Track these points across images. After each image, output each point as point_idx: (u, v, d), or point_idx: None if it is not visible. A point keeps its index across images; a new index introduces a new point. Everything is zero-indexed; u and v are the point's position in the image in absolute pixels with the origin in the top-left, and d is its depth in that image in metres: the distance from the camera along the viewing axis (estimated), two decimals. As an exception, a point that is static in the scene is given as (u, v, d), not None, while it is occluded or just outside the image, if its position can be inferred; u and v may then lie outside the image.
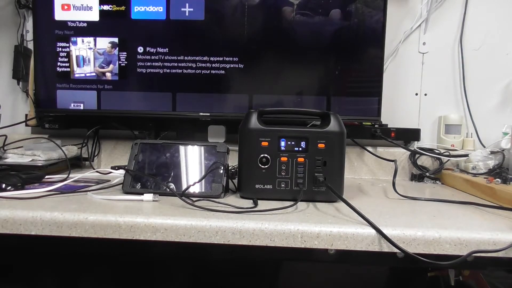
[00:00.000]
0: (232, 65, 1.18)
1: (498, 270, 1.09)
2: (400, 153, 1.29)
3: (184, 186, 0.85)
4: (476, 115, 1.33)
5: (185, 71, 1.19)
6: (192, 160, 0.91)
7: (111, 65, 1.20)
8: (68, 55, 1.20)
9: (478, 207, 0.84)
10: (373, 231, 0.64)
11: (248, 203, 0.80)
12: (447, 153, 1.24)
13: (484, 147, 1.28)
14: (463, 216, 0.76)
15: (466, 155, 1.18)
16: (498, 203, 0.87)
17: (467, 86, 1.34)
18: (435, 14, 1.34)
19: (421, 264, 0.62)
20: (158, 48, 1.19)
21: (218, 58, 1.18)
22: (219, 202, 0.79)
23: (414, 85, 1.36)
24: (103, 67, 1.20)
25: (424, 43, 1.35)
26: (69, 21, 1.19)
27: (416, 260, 0.62)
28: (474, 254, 0.62)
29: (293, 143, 0.84)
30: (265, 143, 0.83)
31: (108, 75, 1.20)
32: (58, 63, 1.20)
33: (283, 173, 0.83)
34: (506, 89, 1.34)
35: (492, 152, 1.12)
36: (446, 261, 0.63)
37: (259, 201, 0.80)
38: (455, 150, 1.27)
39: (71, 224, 0.67)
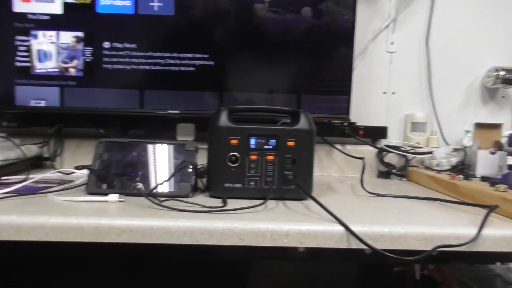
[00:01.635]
0: (202, 62, 1.17)
1: (461, 263, 1.12)
2: (368, 151, 1.31)
3: (151, 186, 0.83)
4: (441, 114, 1.37)
5: (153, 67, 1.17)
6: (160, 159, 0.89)
7: (75, 61, 1.16)
8: (29, 49, 1.15)
9: (442, 203, 0.87)
10: (341, 228, 0.65)
11: (217, 202, 0.79)
12: (412, 151, 1.27)
13: (448, 144, 1.32)
14: (428, 212, 0.78)
15: (431, 153, 1.21)
16: (461, 198, 0.89)
17: (432, 85, 1.37)
18: (403, 15, 1.37)
19: (388, 259, 0.63)
20: (125, 44, 1.16)
21: (188, 55, 1.16)
22: (187, 202, 0.78)
23: (382, 84, 1.38)
24: (66, 63, 1.16)
25: (392, 43, 1.37)
26: (29, 13, 1.14)
27: (383, 256, 0.63)
28: (438, 249, 0.64)
29: (262, 141, 0.83)
30: (234, 141, 0.82)
31: (72, 70, 1.16)
32: (17, 58, 1.15)
33: (252, 172, 0.83)
34: (469, 88, 1.39)
35: (455, 150, 1.15)
36: (412, 256, 0.64)
37: (228, 200, 0.79)
38: (420, 147, 1.30)
39: (29, 228, 0.64)
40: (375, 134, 1.33)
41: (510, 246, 0.65)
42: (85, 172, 0.98)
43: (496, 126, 1.09)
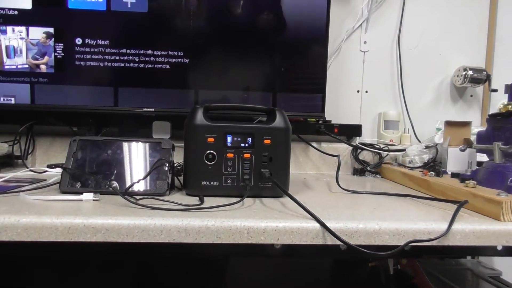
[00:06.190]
0: (177, 60, 1.16)
1: (432, 257, 1.16)
2: (343, 148, 1.33)
3: (127, 185, 0.82)
4: (412, 112, 1.41)
5: (127, 64, 1.15)
6: (135, 157, 0.87)
7: (46, 57, 1.13)
8: (-3, 45, 1.11)
9: (415, 199, 0.89)
10: (317, 225, 0.66)
11: (194, 200, 0.78)
12: (386, 148, 1.30)
13: (420, 142, 1.35)
14: (401, 208, 0.80)
15: (403, 150, 1.24)
16: (432, 194, 0.92)
17: (404, 84, 1.41)
18: (375, 14, 1.39)
19: (362, 255, 0.65)
20: (98, 40, 1.14)
21: (162, 52, 1.15)
22: (164, 200, 0.77)
23: (356, 83, 1.41)
24: (37, 59, 1.13)
25: (365, 42, 1.40)
26: (-3, 8, 1.10)
27: (358, 252, 0.64)
28: (411, 244, 0.66)
29: (239, 139, 0.83)
30: (211, 139, 0.82)
31: (43, 67, 1.13)
32: (-15, 54, 1.11)
33: (229, 169, 0.83)
34: (439, 87, 1.43)
35: (426, 147, 1.19)
36: (385, 251, 0.65)
37: (205, 198, 0.79)
38: (394, 145, 1.33)
39: (0, 228, 0.62)
40: (349, 132, 1.35)
41: (479, 240, 0.67)
42: (58, 170, 0.96)
43: (466, 124, 1.12)
